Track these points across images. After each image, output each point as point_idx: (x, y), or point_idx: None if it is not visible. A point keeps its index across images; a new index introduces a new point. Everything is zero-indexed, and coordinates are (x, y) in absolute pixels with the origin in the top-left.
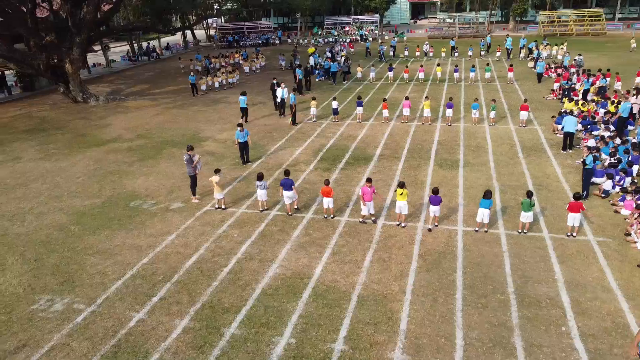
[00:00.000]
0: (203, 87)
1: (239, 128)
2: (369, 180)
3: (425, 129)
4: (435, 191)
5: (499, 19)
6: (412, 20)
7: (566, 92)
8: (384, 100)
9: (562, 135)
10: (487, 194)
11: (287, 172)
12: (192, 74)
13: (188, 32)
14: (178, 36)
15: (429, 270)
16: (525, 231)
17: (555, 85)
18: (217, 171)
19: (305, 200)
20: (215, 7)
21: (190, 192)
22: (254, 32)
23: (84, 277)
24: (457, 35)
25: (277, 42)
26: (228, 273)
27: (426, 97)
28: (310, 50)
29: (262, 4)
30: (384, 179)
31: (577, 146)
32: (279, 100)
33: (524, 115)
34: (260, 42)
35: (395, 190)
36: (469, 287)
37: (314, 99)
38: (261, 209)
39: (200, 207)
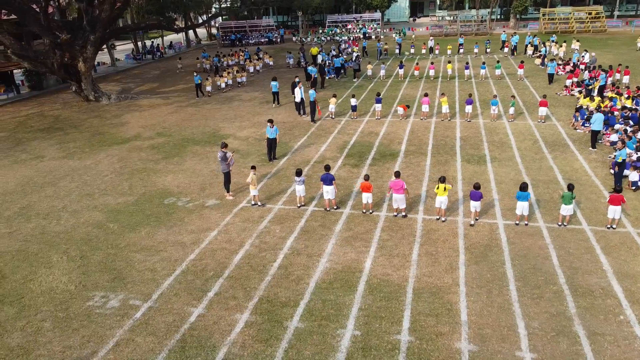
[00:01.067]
0: (208, 88)
1: (269, 124)
2: (397, 173)
3: (445, 125)
4: (476, 186)
5: (499, 16)
6: (412, 18)
7: (587, 90)
8: (407, 106)
9: (584, 131)
10: (524, 187)
11: (327, 167)
12: (195, 74)
13: (190, 31)
14: (180, 35)
15: (478, 262)
16: (565, 224)
17: (568, 82)
18: (253, 168)
19: (340, 196)
20: (214, 6)
21: (224, 188)
22: (256, 31)
23: (133, 274)
24: (461, 33)
25: (279, 40)
26: (278, 268)
27: (442, 94)
28: (314, 50)
29: (263, 1)
30: (415, 174)
31: (600, 141)
32: (297, 99)
33: (543, 111)
34: (263, 40)
35: (437, 187)
36: (520, 279)
37: (334, 96)
38: (299, 205)
39: (236, 203)
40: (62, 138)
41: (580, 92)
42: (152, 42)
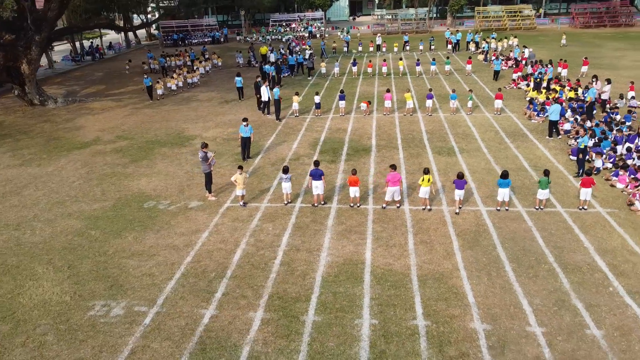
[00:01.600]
0: (160, 92)
1: (243, 123)
2: (393, 166)
3: (408, 119)
4: (460, 176)
5: (435, 15)
6: (351, 17)
7: (535, 83)
8: (369, 102)
9: (539, 121)
10: (505, 174)
11: (316, 163)
12: (145, 76)
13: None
14: (119, 35)
15: (472, 247)
16: (542, 207)
17: (515, 76)
18: (240, 168)
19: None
20: (151, 4)
21: (205, 189)
22: (199, 30)
23: (131, 280)
24: (403, 31)
25: (224, 40)
26: (281, 265)
27: (407, 90)
28: (264, 49)
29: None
30: None
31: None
32: (264, 99)
33: (498, 103)
34: (206, 40)
35: (422, 179)
36: (514, 261)
37: (297, 94)
38: (286, 202)
39: (220, 204)
40: (12, 145)
41: (528, 85)
42: (92, 42)
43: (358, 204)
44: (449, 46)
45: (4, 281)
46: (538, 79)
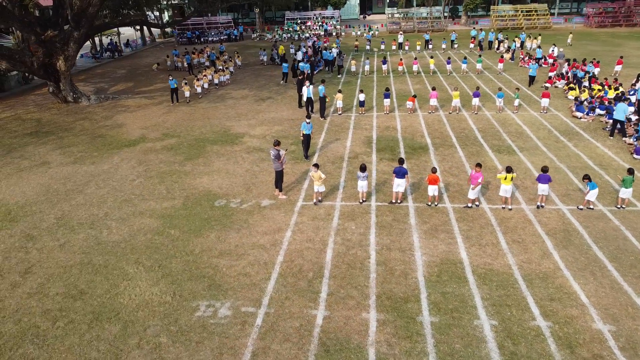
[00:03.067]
0: (187, 94)
1: (307, 120)
2: (479, 165)
3: (456, 117)
4: (544, 170)
5: (447, 14)
6: (362, 16)
7: (578, 81)
8: (414, 96)
9: (589, 120)
10: (588, 176)
11: (401, 161)
12: (170, 77)
13: (144, 29)
14: (136, 33)
15: (566, 247)
16: (624, 206)
17: (551, 74)
18: (316, 166)
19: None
20: (163, 1)
21: (276, 187)
22: (214, 28)
23: (229, 280)
24: (419, 30)
25: (239, 37)
26: (377, 264)
27: (455, 88)
28: (282, 49)
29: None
30: (456, 166)
31: (607, 129)
32: (305, 98)
33: (545, 102)
34: (222, 38)
35: (505, 177)
36: (614, 260)
37: (339, 91)
38: (361, 201)
39: (293, 202)
40: (58, 142)
41: (567, 84)
42: (111, 39)
43: (436, 203)
44: (472, 45)
45: (97, 281)
46: (583, 78)
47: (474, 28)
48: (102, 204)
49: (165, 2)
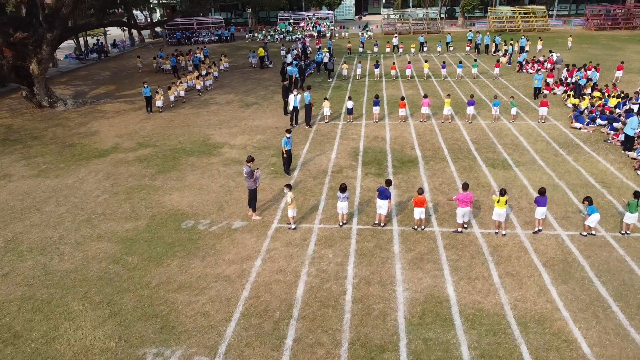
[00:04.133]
0: (159, 103)
1: (287, 134)
2: (466, 186)
3: (448, 127)
4: (542, 192)
5: (444, 15)
6: (357, 17)
7: (578, 88)
8: (402, 99)
9: (589, 131)
10: (589, 198)
11: (388, 182)
12: (145, 85)
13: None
14: (123, 33)
15: (565, 281)
16: (629, 232)
17: (550, 80)
18: (288, 186)
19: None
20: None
21: (249, 207)
22: (205, 28)
23: (183, 321)
24: (414, 32)
25: (231, 38)
26: (353, 302)
27: (447, 95)
28: (261, 52)
29: None
30: (446, 182)
31: (609, 141)
32: (290, 107)
33: (544, 111)
34: (213, 39)
35: (498, 200)
36: (619, 298)
37: (326, 99)
38: (341, 223)
39: (267, 224)
40: (24, 152)
41: (565, 92)
42: (97, 40)
43: (423, 227)
44: (468, 48)
45: (35, 321)
46: (585, 85)
47: (470, 30)
48: (59, 225)
49: (156, 1)
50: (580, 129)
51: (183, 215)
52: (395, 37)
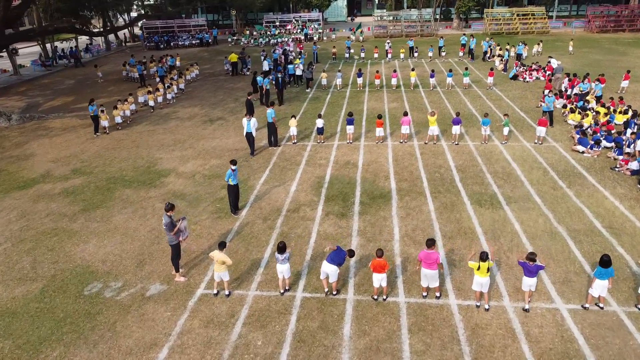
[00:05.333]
0: (104, 123)
1: (232, 167)
2: (431, 242)
3: (431, 150)
4: (531, 258)
5: (439, 17)
6: (349, 18)
7: (582, 101)
8: (379, 117)
9: (593, 155)
10: (607, 261)
11: (351, 253)
12: (91, 102)
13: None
14: (100, 37)
15: None
16: None
17: (547, 92)
18: (221, 245)
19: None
20: (136, 3)
21: (172, 265)
22: (186, 31)
23: None
24: (406, 34)
25: (213, 42)
26: None
27: (432, 112)
28: (233, 57)
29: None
30: (420, 226)
31: (617, 169)
32: (245, 131)
33: (541, 131)
34: (194, 42)
35: (479, 267)
36: None
37: (293, 117)
38: (282, 291)
39: (191, 290)
40: None
41: (564, 106)
42: (71, 45)
43: (385, 297)
44: (461, 53)
45: None
46: (587, 98)
47: (464, 34)
48: None
49: (138, 3)
50: (583, 152)
51: (91, 275)
52: (388, 43)
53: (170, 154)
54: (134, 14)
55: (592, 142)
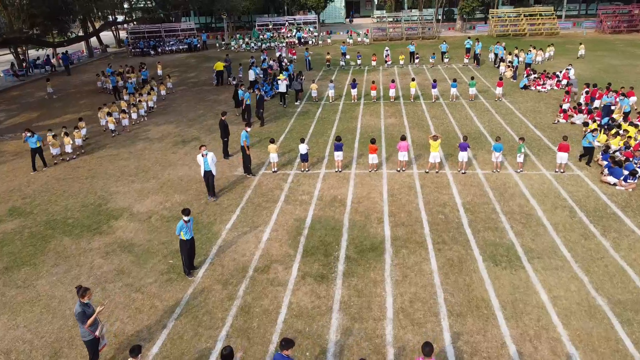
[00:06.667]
0: (54, 151)
1: (184, 217)
2: (429, 350)
3: (434, 180)
4: None
5: (441, 17)
6: (347, 19)
7: (609, 120)
8: (372, 142)
9: (627, 189)
10: None
11: (286, 345)
12: (28, 133)
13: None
14: (81, 42)
15: None
16: None
17: (565, 106)
18: (134, 352)
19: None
20: (125, 6)
21: None
22: (174, 36)
23: None
24: (407, 37)
25: (202, 47)
26: None
27: (434, 136)
28: (218, 65)
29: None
30: (421, 295)
31: None
32: (202, 171)
33: (563, 157)
34: (182, 47)
35: None
36: None
37: (272, 141)
38: None
39: None
40: None
41: (586, 123)
42: (49, 54)
43: None
44: (466, 59)
45: None
46: (613, 116)
47: (469, 37)
48: None
49: (127, 7)
50: (615, 185)
51: None
52: (386, 49)
53: (128, 187)
54: (120, 17)
55: (627, 173)
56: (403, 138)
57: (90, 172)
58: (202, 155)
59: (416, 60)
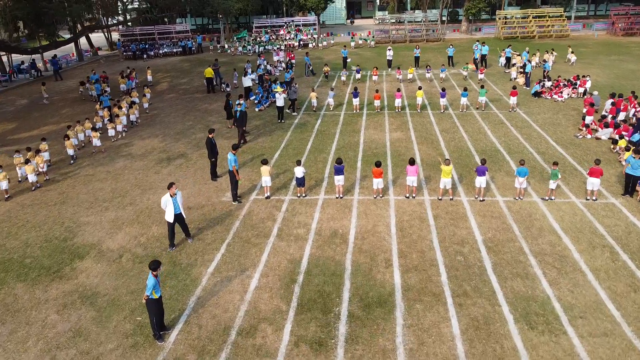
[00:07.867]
0: (3, 185)
1: (152, 271)
2: None
3: (448, 210)
4: None
5: (446, 18)
6: (349, 21)
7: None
8: (377, 165)
9: None
10: None
11: None
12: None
13: (83, 40)
14: (71, 45)
15: None
16: None
17: (588, 119)
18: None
19: None
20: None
21: None
22: (167, 38)
23: None
24: (410, 40)
25: (196, 50)
26: None
27: (447, 160)
28: (208, 72)
29: (177, 2)
30: None
31: None
32: (169, 218)
33: (594, 184)
34: (176, 50)
35: None
36: None
37: (265, 162)
38: None
39: None
40: None
41: (614, 141)
42: (32, 59)
43: None
44: (481, 75)
45: None
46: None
47: (478, 41)
48: None
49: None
50: None
51: None
52: (389, 50)
53: (100, 216)
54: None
55: None
56: (412, 162)
57: (61, 197)
58: (172, 194)
59: (427, 75)
